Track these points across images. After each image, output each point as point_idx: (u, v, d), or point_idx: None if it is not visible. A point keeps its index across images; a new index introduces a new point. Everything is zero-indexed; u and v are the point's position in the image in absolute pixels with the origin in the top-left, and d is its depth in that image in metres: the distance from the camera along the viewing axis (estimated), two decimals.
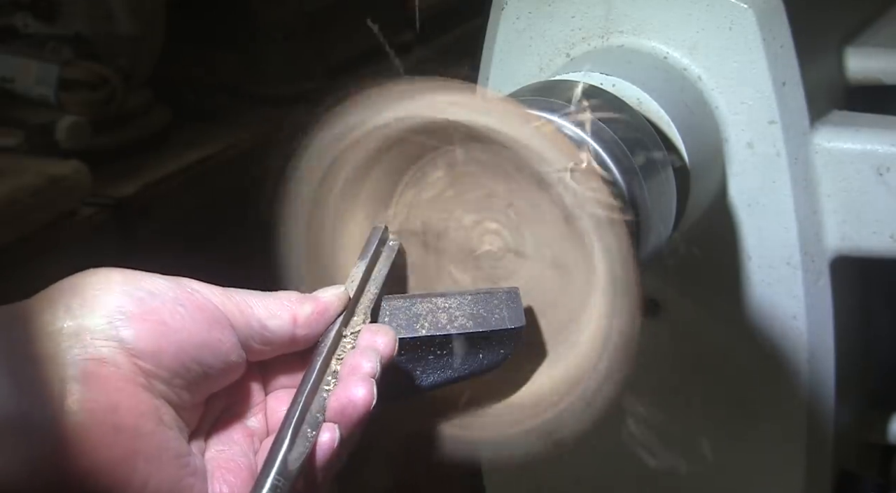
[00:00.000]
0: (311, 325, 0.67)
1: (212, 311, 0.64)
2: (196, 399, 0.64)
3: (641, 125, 0.82)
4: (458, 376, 0.70)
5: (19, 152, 1.98)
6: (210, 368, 0.64)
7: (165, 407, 0.62)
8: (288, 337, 0.66)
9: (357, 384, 0.63)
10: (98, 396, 0.60)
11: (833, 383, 0.97)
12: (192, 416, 0.65)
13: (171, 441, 0.62)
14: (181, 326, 0.62)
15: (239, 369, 0.66)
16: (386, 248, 0.74)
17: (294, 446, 0.62)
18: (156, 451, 0.61)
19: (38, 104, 2.04)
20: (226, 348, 0.64)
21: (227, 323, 0.64)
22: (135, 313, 0.61)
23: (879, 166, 0.90)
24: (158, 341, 0.61)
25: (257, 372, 0.69)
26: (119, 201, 1.96)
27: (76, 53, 2.10)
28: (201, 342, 0.63)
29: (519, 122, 0.67)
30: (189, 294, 0.64)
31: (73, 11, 2.11)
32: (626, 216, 0.67)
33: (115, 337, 0.61)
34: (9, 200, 1.74)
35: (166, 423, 0.62)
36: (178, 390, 0.63)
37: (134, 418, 0.60)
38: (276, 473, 0.61)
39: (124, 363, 0.61)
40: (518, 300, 0.71)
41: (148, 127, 2.20)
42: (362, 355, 0.65)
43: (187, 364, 0.62)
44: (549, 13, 0.95)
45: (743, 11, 0.89)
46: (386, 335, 0.67)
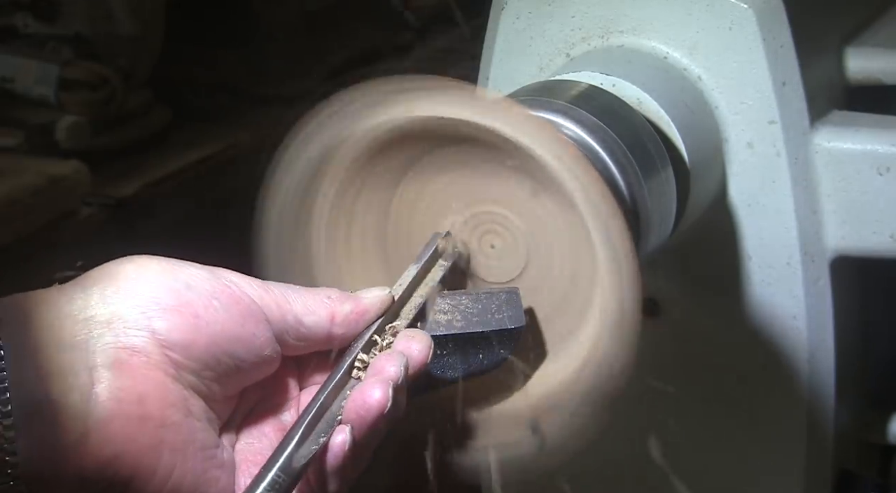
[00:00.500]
0: (348, 324, 0.66)
1: (247, 304, 0.64)
2: (228, 392, 0.64)
3: (641, 125, 0.82)
4: (458, 376, 0.70)
5: (19, 152, 1.98)
6: (242, 361, 0.63)
7: (195, 398, 0.62)
8: (324, 335, 0.66)
9: (374, 387, 0.63)
10: (126, 385, 0.60)
11: (833, 383, 0.97)
12: (224, 408, 0.65)
13: (198, 433, 0.62)
14: (215, 319, 0.62)
15: (273, 363, 0.66)
16: (444, 254, 0.74)
17: (304, 443, 0.61)
18: (182, 442, 0.61)
19: (38, 104, 2.04)
20: (259, 343, 0.64)
21: (262, 317, 0.64)
22: (169, 305, 0.62)
23: (879, 166, 0.90)
24: (191, 334, 0.61)
25: (294, 367, 0.68)
26: (119, 201, 1.96)
27: (76, 53, 2.10)
28: (234, 336, 0.63)
29: (519, 122, 0.67)
30: (225, 287, 0.64)
31: (73, 11, 2.11)
32: (626, 217, 0.67)
33: (148, 327, 0.61)
34: (9, 200, 1.74)
35: (195, 414, 0.62)
36: (208, 382, 0.63)
37: (161, 408, 0.60)
38: (278, 468, 0.60)
39: (155, 354, 0.61)
40: (518, 301, 0.71)
41: (148, 127, 2.20)
42: (389, 359, 0.64)
43: (219, 357, 0.62)
44: (549, 13, 0.95)
45: (743, 11, 0.88)
46: (421, 342, 0.67)
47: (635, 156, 0.77)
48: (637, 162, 0.77)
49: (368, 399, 0.62)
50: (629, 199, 0.75)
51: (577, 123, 0.76)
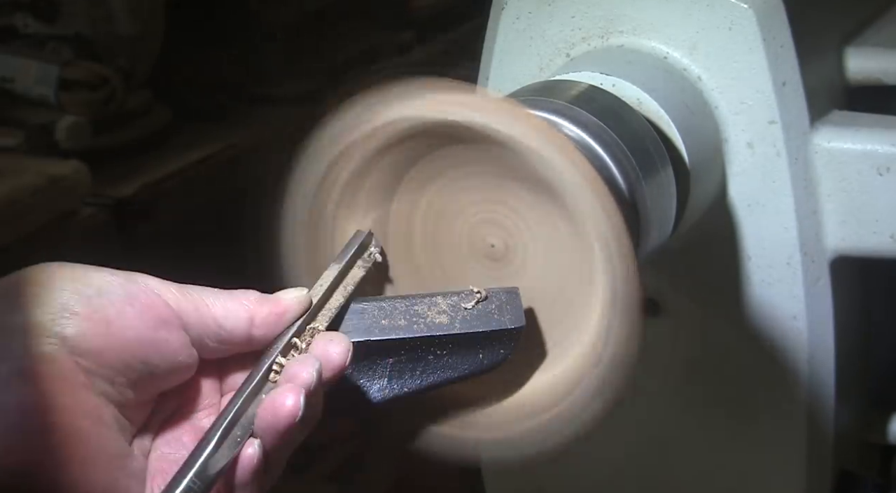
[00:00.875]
0: (268, 326, 0.66)
1: (161, 309, 0.63)
2: (142, 397, 0.64)
3: (641, 125, 0.82)
4: (459, 376, 0.70)
5: (19, 152, 1.98)
6: (157, 367, 0.63)
7: (106, 406, 0.61)
8: (244, 337, 0.65)
9: (286, 394, 0.61)
10: (35, 394, 0.59)
11: (833, 383, 0.97)
12: (138, 414, 0.64)
13: (108, 442, 0.61)
14: (127, 324, 0.61)
15: (189, 369, 0.65)
16: (366, 254, 0.74)
17: (219, 449, 0.61)
18: (92, 452, 0.60)
19: (38, 104, 2.04)
20: (174, 348, 0.63)
21: (177, 322, 0.63)
22: (80, 311, 0.61)
23: (879, 166, 0.90)
24: (102, 340, 0.61)
25: (214, 372, 0.68)
26: (119, 201, 1.97)
27: (76, 53, 2.10)
28: (148, 342, 0.62)
29: (519, 122, 0.67)
30: (139, 292, 0.63)
31: (73, 11, 2.12)
32: (626, 217, 0.67)
33: (59, 334, 0.60)
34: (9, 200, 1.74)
35: (106, 422, 0.61)
36: (121, 388, 0.62)
37: (71, 418, 0.59)
38: (193, 474, 0.60)
39: (66, 361, 0.60)
40: (518, 301, 0.71)
41: (148, 127, 2.20)
42: (302, 364, 0.64)
43: (132, 363, 0.62)
44: (549, 13, 0.95)
45: (743, 11, 0.89)
46: (339, 345, 0.66)
47: (635, 156, 0.77)
48: (637, 162, 0.77)
49: (280, 407, 0.61)
50: (629, 199, 0.75)
51: (577, 123, 0.76)
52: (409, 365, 0.69)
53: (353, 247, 0.73)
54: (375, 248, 0.74)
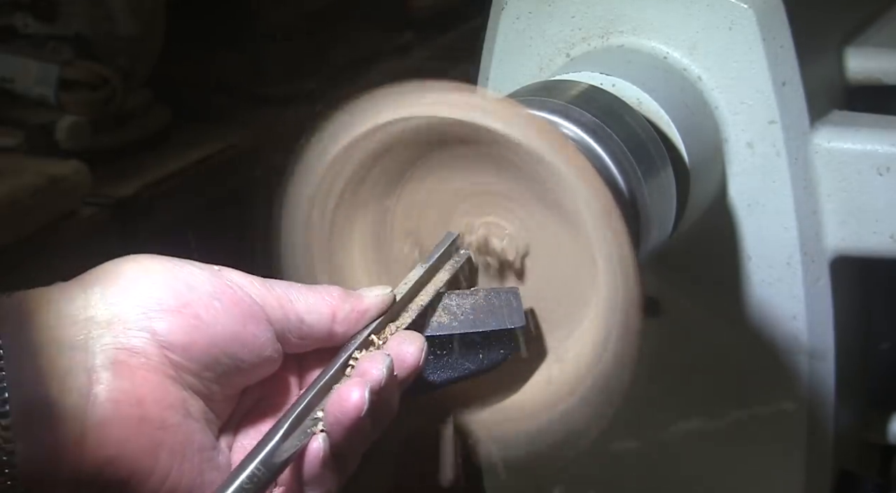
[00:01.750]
0: (349, 322, 0.66)
1: (248, 305, 0.64)
2: (228, 392, 0.64)
3: (641, 125, 0.82)
4: (459, 376, 0.70)
5: (19, 152, 1.98)
6: (243, 362, 0.64)
7: (194, 399, 0.62)
8: (325, 332, 0.66)
9: (352, 388, 0.62)
10: (125, 386, 0.60)
11: (833, 383, 0.97)
12: (224, 408, 0.65)
13: (196, 434, 0.62)
14: (215, 320, 0.62)
15: (274, 362, 0.66)
16: (455, 256, 0.74)
17: (287, 439, 0.61)
18: (180, 444, 0.61)
19: (38, 104, 2.04)
20: (260, 343, 0.64)
21: (263, 317, 0.64)
22: (170, 306, 0.62)
23: (879, 166, 0.90)
24: (191, 335, 0.61)
25: (295, 366, 0.68)
26: (119, 201, 1.96)
27: (76, 53, 2.10)
28: (235, 337, 0.63)
29: (519, 122, 0.67)
30: (227, 287, 0.64)
31: (73, 11, 2.11)
32: (626, 217, 0.67)
33: (148, 328, 0.61)
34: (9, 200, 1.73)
35: (193, 416, 0.62)
36: (208, 382, 0.63)
37: (160, 410, 0.61)
38: (259, 462, 0.60)
39: (155, 355, 0.61)
40: (518, 300, 0.71)
41: (148, 127, 2.20)
42: (373, 361, 0.64)
43: (219, 358, 0.63)
44: (549, 13, 0.95)
45: (743, 11, 0.89)
46: (413, 344, 0.66)
47: (635, 156, 0.77)
48: (637, 162, 0.77)
49: (345, 401, 0.62)
50: (629, 199, 0.75)
51: (577, 123, 0.76)
52: None
53: (441, 248, 0.73)
54: (465, 251, 0.74)
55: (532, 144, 0.67)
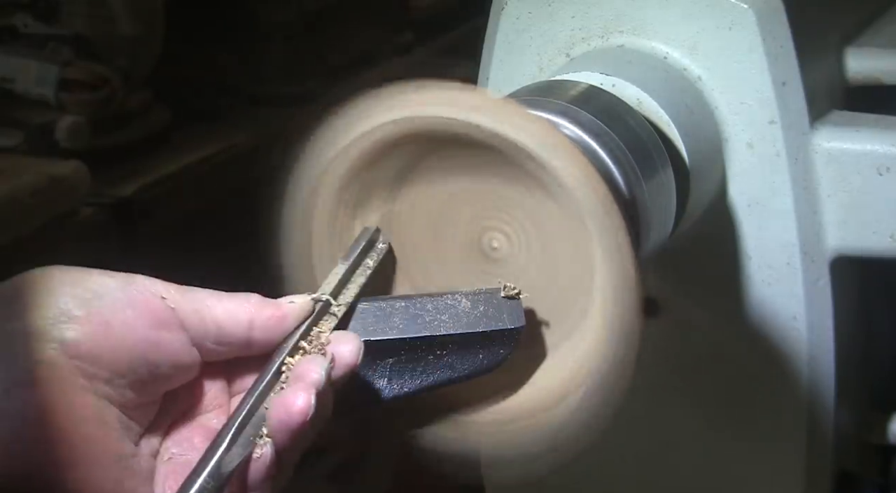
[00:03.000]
0: (268, 329, 0.66)
1: (160, 311, 0.63)
2: (145, 398, 0.64)
3: (641, 125, 0.82)
4: (458, 377, 0.70)
5: (19, 152, 1.98)
6: (157, 368, 0.63)
7: (109, 408, 0.62)
8: (243, 339, 0.65)
9: (297, 393, 0.62)
10: (36, 399, 0.59)
11: (833, 383, 0.97)
12: (143, 415, 0.64)
13: (112, 443, 0.61)
14: (126, 326, 0.62)
15: (191, 369, 0.65)
16: (374, 251, 0.74)
17: (232, 448, 0.61)
18: (95, 455, 0.61)
19: (38, 104, 2.04)
20: (174, 349, 0.63)
21: (176, 323, 0.64)
22: (79, 315, 0.61)
23: (879, 166, 0.90)
24: (101, 343, 0.61)
25: (222, 373, 0.68)
26: (119, 201, 1.96)
27: (76, 53, 2.10)
28: (147, 343, 0.62)
29: (519, 122, 0.67)
30: (137, 294, 0.63)
31: (73, 11, 2.11)
32: (626, 217, 0.67)
33: (58, 339, 0.60)
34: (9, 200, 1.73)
35: (109, 424, 0.61)
36: (122, 389, 0.62)
37: (73, 422, 0.60)
38: (207, 474, 0.60)
39: (66, 365, 0.60)
40: (518, 300, 0.71)
41: (148, 127, 2.20)
42: (311, 363, 0.64)
43: (131, 365, 0.62)
44: (549, 13, 0.95)
45: (743, 11, 0.89)
46: (349, 343, 0.66)
47: (635, 156, 0.77)
48: (637, 162, 0.77)
49: (290, 406, 0.61)
50: (629, 199, 0.75)
51: (577, 124, 0.76)
52: (409, 365, 0.69)
53: (360, 244, 0.73)
54: (383, 244, 0.74)
55: (532, 144, 0.67)
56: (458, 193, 0.75)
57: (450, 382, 0.70)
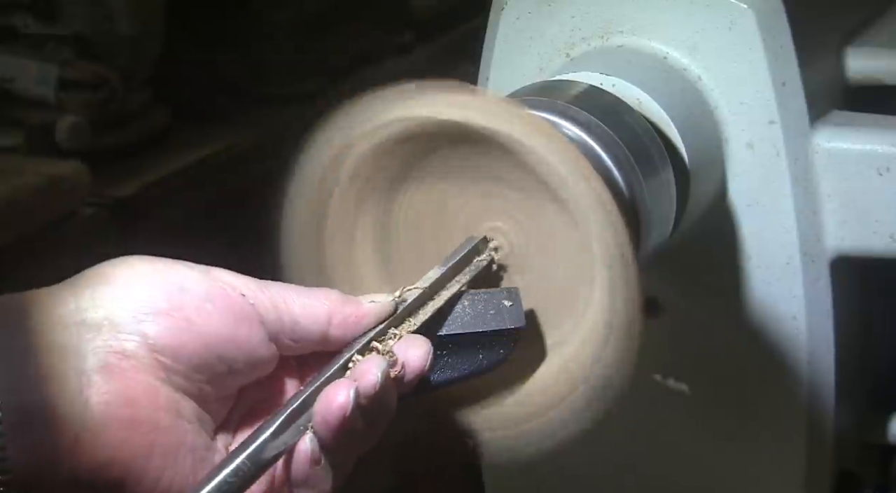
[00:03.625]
0: (346, 327, 0.66)
1: (241, 306, 0.63)
2: (221, 393, 0.64)
3: (641, 125, 0.82)
4: (458, 377, 0.70)
5: (19, 152, 1.98)
6: (235, 363, 0.63)
7: (186, 401, 0.62)
8: (320, 336, 0.65)
9: (339, 389, 0.62)
10: (117, 389, 0.60)
11: (833, 383, 0.97)
12: (219, 409, 0.65)
13: (188, 435, 0.62)
14: (207, 322, 0.62)
15: (269, 364, 0.65)
16: (476, 261, 0.73)
17: (278, 436, 0.61)
18: (172, 445, 0.61)
19: (38, 104, 2.04)
20: (253, 345, 0.64)
21: (256, 319, 0.64)
22: (161, 308, 0.62)
23: (879, 166, 0.90)
24: (181, 338, 0.61)
25: (295, 367, 0.68)
26: (119, 201, 1.97)
27: (76, 53, 2.10)
28: (227, 339, 0.62)
29: (519, 122, 0.67)
30: (219, 288, 0.63)
31: (73, 11, 2.12)
32: (626, 217, 0.67)
33: (139, 331, 0.61)
34: (9, 200, 1.74)
35: (185, 417, 0.62)
36: (200, 384, 0.63)
37: (152, 411, 0.61)
38: (246, 456, 0.60)
39: (145, 357, 0.61)
40: (518, 300, 0.71)
41: (148, 127, 2.20)
42: (369, 363, 0.64)
43: (210, 360, 0.62)
44: (549, 13, 0.95)
45: (743, 11, 0.88)
46: (419, 348, 0.66)
47: (635, 156, 0.77)
48: (637, 162, 0.77)
49: (331, 401, 0.61)
50: (629, 199, 0.75)
51: (577, 124, 0.76)
52: None
53: (460, 253, 0.72)
54: (486, 255, 0.73)
55: (532, 144, 0.67)
56: (459, 192, 0.75)
57: (450, 382, 0.70)
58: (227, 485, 0.59)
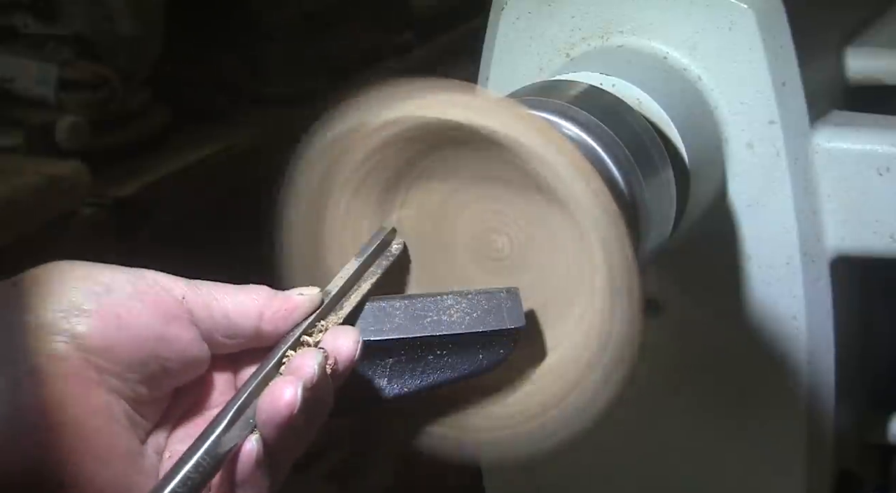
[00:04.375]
0: (277, 321, 0.66)
1: (171, 305, 0.63)
2: (155, 394, 0.64)
3: (641, 125, 0.82)
4: (458, 377, 0.70)
5: (19, 152, 1.98)
6: (168, 362, 0.63)
7: (119, 403, 0.62)
8: (252, 331, 0.65)
9: (285, 385, 0.61)
10: (48, 393, 0.59)
11: (833, 383, 0.97)
12: (153, 410, 0.64)
13: (121, 439, 0.61)
14: (136, 321, 0.62)
15: (202, 363, 0.65)
16: (387, 250, 0.74)
17: (230, 429, 0.61)
18: (104, 449, 0.61)
19: (38, 104, 2.04)
20: (185, 343, 0.64)
21: (187, 317, 0.64)
22: (90, 309, 0.61)
23: (879, 166, 0.90)
24: (112, 337, 0.61)
25: (228, 367, 0.68)
26: (119, 201, 1.97)
27: (76, 53, 2.10)
28: (158, 337, 0.62)
29: (519, 122, 0.67)
30: (148, 288, 0.63)
31: (73, 11, 2.12)
32: (626, 217, 0.67)
33: (69, 332, 0.60)
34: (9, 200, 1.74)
35: (118, 420, 0.61)
36: (133, 384, 0.62)
37: (83, 415, 0.60)
38: (204, 451, 0.60)
39: (76, 359, 0.60)
40: (518, 300, 0.71)
41: (148, 127, 2.20)
42: (305, 356, 0.63)
43: (142, 359, 0.62)
44: (549, 13, 0.95)
45: (743, 11, 0.89)
46: (348, 338, 0.65)
47: (635, 156, 0.77)
48: (637, 162, 0.77)
49: (277, 399, 0.61)
50: (629, 199, 0.75)
51: (577, 124, 0.76)
52: (409, 365, 0.69)
53: (373, 244, 0.73)
54: (398, 245, 0.74)
55: (531, 144, 0.67)
56: (460, 193, 0.75)
57: (450, 382, 0.70)
58: (189, 480, 0.59)
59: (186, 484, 0.59)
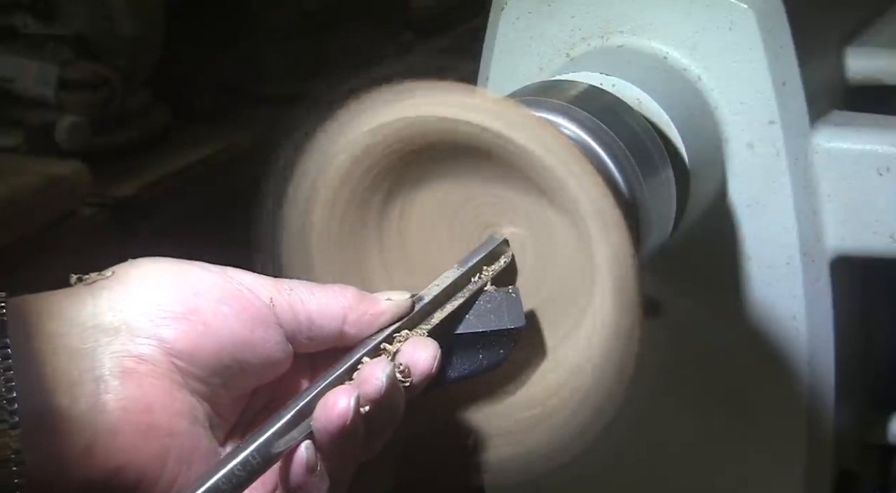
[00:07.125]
0: (361, 325, 0.65)
1: (257, 309, 0.63)
2: (235, 394, 0.64)
3: (641, 125, 0.81)
4: (458, 377, 0.70)
5: (19, 152, 1.98)
6: (251, 365, 0.63)
7: (201, 405, 0.62)
8: (335, 334, 0.65)
9: (340, 395, 0.61)
10: (133, 394, 0.60)
11: (833, 383, 0.96)
12: (232, 411, 0.65)
13: (202, 440, 0.62)
14: (223, 326, 0.62)
15: (284, 364, 0.65)
16: (495, 262, 0.72)
17: (286, 432, 0.61)
18: (187, 450, 0.61)
19: (38, 104, 2.04)
20: (269, 346, 0.63)
21: (273, 320, 0.63)
22: (177, 312, 0.61)
23: (879, 166, 0.90)
24: (198, 342, 0.61)
25: (307, 364, 0.67)
26: (119, 201, 1.97)
27: (76, 53, 2.10)
28: (243, 342, 0.62)
29: (518, 122, 0.67)
30: (235, 290, 0.63)
31: (73, 11, 2.12)
32: (626, 217, 0.67)
33: (155, 336, 0.61)
34: (9, 200, 1.74)
35: (200, 421, 0.62)
36: (216, 387, 0.62)
37: (168, 417, 0.60)
38: (254, 449, 0.60)
39: (162, 362, 0.61)
40: (518, 300, 0.71)
41: (148, 127, 2.20)
42: (374, 367, 0.63)
43: (227, 363, 0.62)
44: (549, 13, 0.95)
45: (743, 11, 0.88)
46: (425, 351, 0.64)
47: (635, 156, 0.77)
48: (637, 162, 0.77)
49: (330, 408, 0.60)
50: (629, 199, 0.75)
51: (577, 123, 0.76)
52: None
53: (478, 254, 0.71)
54: (506, 258, 0.72)
55: (531, 144, 0.67)
56: (458, 193, 0.75)
57: (449, 382, 0.70)
58: (235, 477, 0.59)
59: (231, 481, 0.59)
